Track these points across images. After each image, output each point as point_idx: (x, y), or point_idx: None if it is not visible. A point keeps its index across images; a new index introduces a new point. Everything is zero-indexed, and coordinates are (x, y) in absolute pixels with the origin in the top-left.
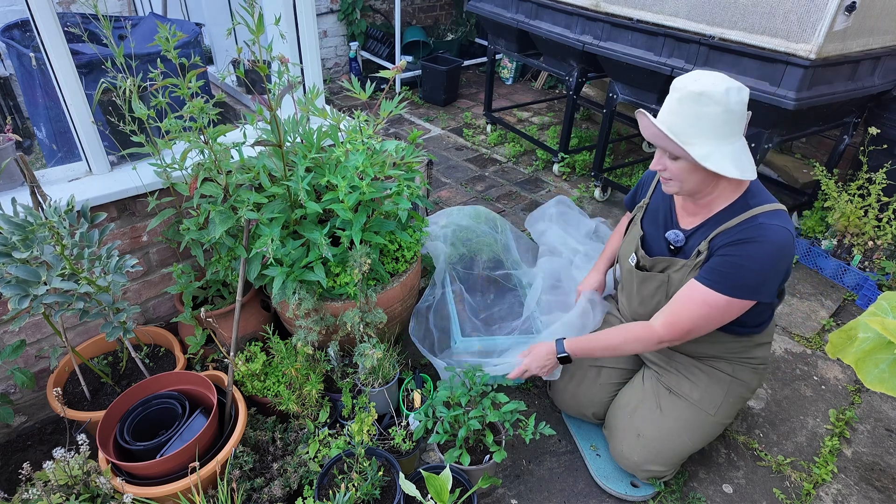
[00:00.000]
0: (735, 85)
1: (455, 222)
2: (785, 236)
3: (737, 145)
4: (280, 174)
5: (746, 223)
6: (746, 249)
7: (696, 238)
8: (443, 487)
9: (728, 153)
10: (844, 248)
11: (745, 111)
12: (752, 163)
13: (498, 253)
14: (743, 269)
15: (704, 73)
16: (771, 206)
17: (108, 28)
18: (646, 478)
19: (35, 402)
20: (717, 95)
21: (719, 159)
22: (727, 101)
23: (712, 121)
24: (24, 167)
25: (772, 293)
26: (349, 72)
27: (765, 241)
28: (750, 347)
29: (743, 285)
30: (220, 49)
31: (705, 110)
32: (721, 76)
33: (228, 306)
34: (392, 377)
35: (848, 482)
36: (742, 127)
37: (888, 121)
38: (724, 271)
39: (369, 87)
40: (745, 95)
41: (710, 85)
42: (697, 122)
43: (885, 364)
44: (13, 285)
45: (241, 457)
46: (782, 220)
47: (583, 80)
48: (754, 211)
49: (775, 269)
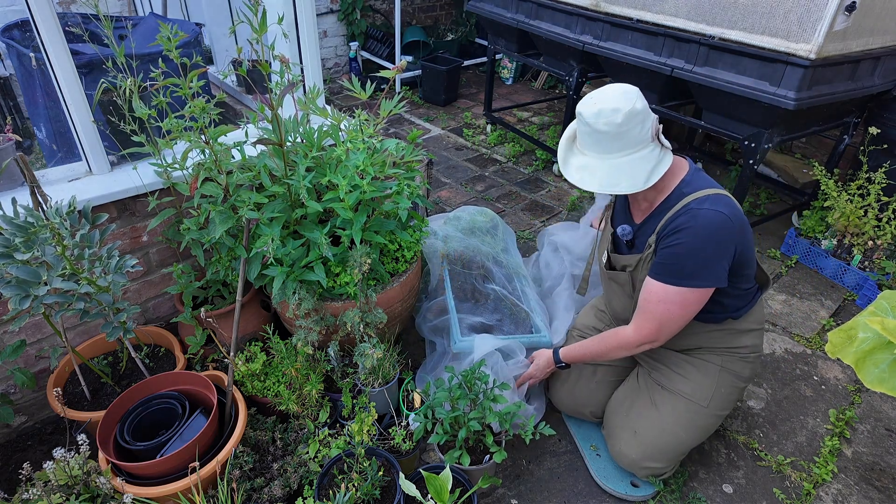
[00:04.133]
0: (610, 107)
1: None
2: (714, 218)
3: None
4: (281, 173)
5: (680, 212)
6: (679, 238)
7: (644, 231)
8: (443, 487)
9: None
10: (844, 248)
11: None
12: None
13: (497, 253)
14: (679, 257)
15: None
16: (704, 192)
17: (108, 28)
18: (645, 475)
19: (35, 402)
20: (587, 117)
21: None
22: (594, 124)
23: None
24: (24, 167)
25: (720, 277)
26: (349, 72)
27: (693, 226)
28: (734, 336)
29: (683, 272)
30: (220, 49)
31: (580, 127)
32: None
33: (228, 306)
34: (392, 377)
35: (848, 482)
36: (627, 142)
37: (888, 121)
38: (664, 262)
39: (369, 87)
40: (618, 118)
41: (587, 105)
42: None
43: (885, 364)
44: (14, 286)
45: (241, 457)
46: (714, 203)
47: (583, 80)
48: (688, 199)
49: (711, 252)
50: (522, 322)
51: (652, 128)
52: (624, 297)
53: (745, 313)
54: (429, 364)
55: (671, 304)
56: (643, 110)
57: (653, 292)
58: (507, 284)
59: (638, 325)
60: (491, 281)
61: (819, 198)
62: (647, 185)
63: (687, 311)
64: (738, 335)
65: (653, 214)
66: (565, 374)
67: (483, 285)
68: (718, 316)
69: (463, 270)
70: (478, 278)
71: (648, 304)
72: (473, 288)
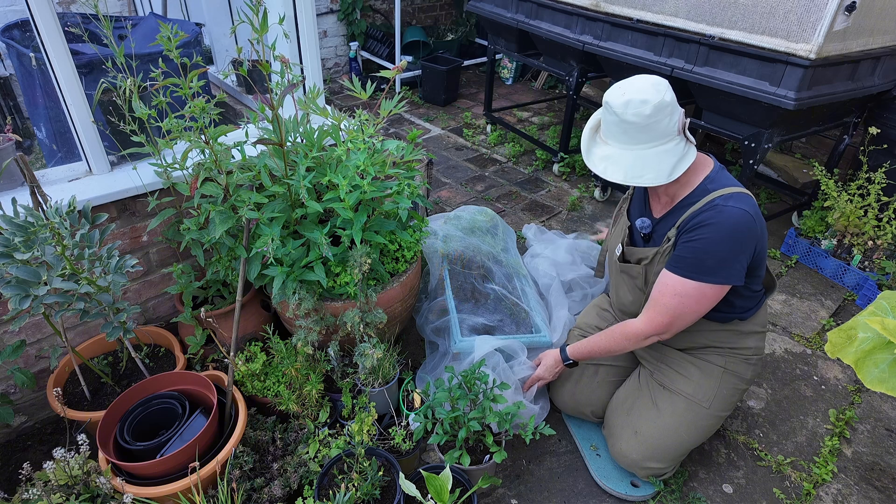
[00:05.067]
0: (639, 98)
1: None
2: (739, 216)
3: (647, 152)
4: (281, 173)
5: (704, 207)
6: (702, 233)
7: (663, 225)
8: (443, 487)
9: (629, 158)
10: (844, 248)
11: (652, 122)
12: (662, 168)
13: (497, 253)
14: (701, 252)
15: (634, 81)
16: (729, 189)
17: (108, 28)
18: (645, 475)
19: (35, 402)
20: (615, 107)
21: (611, 165)
22: (622, 113)
23: (611, 128)
24: (24, 167)
25: (738, 275)
26: (349, 72)
27: (718, 222)
28: (739, 336)
29: (703, 267)
30: (220, 49)
31: (607, 117)
32: (644, 86)
33: (228, 306)
34: (392, 377)
35: (848, 482)
36: (654, 135)
37: (888, 120)
38: (684, 256)
39: (370, 87)
40: (647, 109)
41: (615, 95)
42: (605, 124)
43: (884, 364)
44: (13, 286)
45: (241, 457)
46: (739, 202)
47: (583, 80)
48: (713, 195)
49: (733, 249)
50: (523, 322)
51: (679, 121)
52: (635, 291)
53: (752, 315)
54: (429, 364)
55: (687, 297)
56: (672, 102)
57: (669, 286)
58: (507, 284)
59: (649, 318)
60: (491, 280)
61: (819, 198)
62: (671, 178)
63: (702, 306)
64: (743, 336)
65: (674, 209)
66: (566, 374)
67: (483, 285)
68: (727, 315)
69: (463, 270)
70: (478, 278)
71: (663, 298)
72: (473, 288)
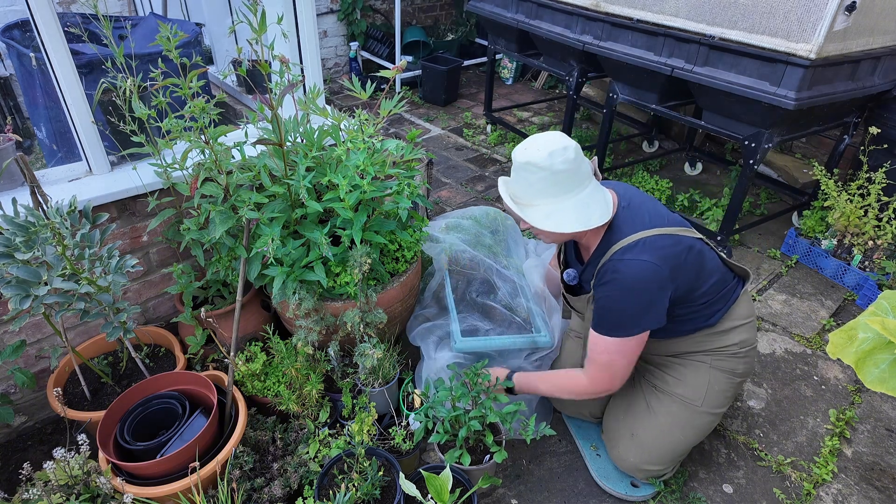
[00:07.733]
0: (559, 146)
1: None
2: (638, 269)
3: (581, 196)
4: (281, 173)
5: (606, 264)
6: (605, 291)
7: (588, 273)
8: (443, 487)
9: (570, 207)
10: (844, 248)
11: (577, 166)
12: (601, 207)
13: (498, 254)
14: (607, 311)
15: (536, 139)
16: (627, 240)
17: (108, 28)
18: (645, 477)
19: (35, 402)
20: (541, 162)
21: (559, 217)
22: (551, 166)
23: (543, 184)
24: (24, 167)
25: (656, 320)
26: (349, 72)
27: (617, 279)
28: (718, 336)
29: (616, 324)
30: (220, 49)
31: (533, 177)
32: (552, 139)
33: (228, 306)
34: (392, 377)
35: (848, 482)
36: (581, 178)
37: (888, 120)
38: (600, 315)
39: (370, 87)
40: (570, 153)
41: (535, 153)
42: (530, 187)
43: (885, 364)
44: (14, 286)
45: (242, 457)
46: (636, 252)
47: (583, 80)
48: (613, 249)
49: (640, 302)
50: (523, 322)
51: (591, 164)
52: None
53: (722, 317)
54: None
55: (614, 353)
56: (578, 146)
57: (597, 343)
58: (507, 284)
59: (591, 376)
60: (491, 281)
61: (819, 198)
62: (611, 213)
63: (630, 357)
64: (722, 335)
65: (592, 258)
66: None
67: (483, 287)
68: (690, 329)
69: (463, 270)
70: (478, 278)
71: (595, 355)
72: (472, 287)
